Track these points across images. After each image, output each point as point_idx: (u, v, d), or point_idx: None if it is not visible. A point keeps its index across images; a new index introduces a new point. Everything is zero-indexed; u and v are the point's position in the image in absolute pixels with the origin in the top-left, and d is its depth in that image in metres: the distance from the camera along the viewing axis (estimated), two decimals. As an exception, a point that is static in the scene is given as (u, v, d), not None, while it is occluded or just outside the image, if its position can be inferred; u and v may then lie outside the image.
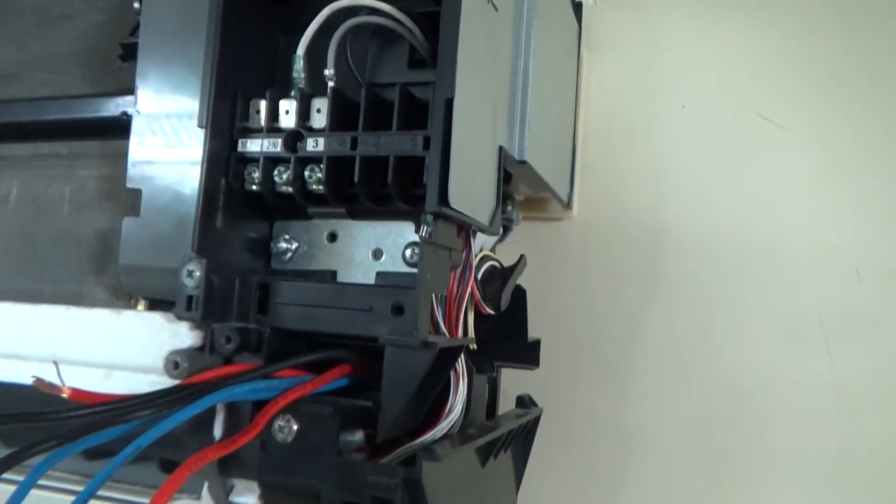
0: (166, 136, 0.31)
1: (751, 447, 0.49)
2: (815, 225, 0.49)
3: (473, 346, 0.37)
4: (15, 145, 0.38)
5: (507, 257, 0.41)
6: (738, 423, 0.49)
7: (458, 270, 0.34)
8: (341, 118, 0.30)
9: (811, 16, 0.51)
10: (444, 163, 0.27)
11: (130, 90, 0.34)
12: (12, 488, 0.31)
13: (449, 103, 0.27)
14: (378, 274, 0.32)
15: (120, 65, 0.38)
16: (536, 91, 0.38)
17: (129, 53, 0.37)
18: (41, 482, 0.24)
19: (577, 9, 0.53)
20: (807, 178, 0.50)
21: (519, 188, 0.48)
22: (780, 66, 0.51)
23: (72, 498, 0.29)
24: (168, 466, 0.33)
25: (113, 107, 0.35)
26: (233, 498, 0.31)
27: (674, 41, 0.54)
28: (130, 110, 0.34)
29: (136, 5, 0.39)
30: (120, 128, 0.34)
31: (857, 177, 0.49)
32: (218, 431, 0.30)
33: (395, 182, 0.29)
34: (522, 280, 0.41)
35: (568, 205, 0.52)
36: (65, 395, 0.25)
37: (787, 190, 0.50)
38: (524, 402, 0.44)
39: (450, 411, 0.31)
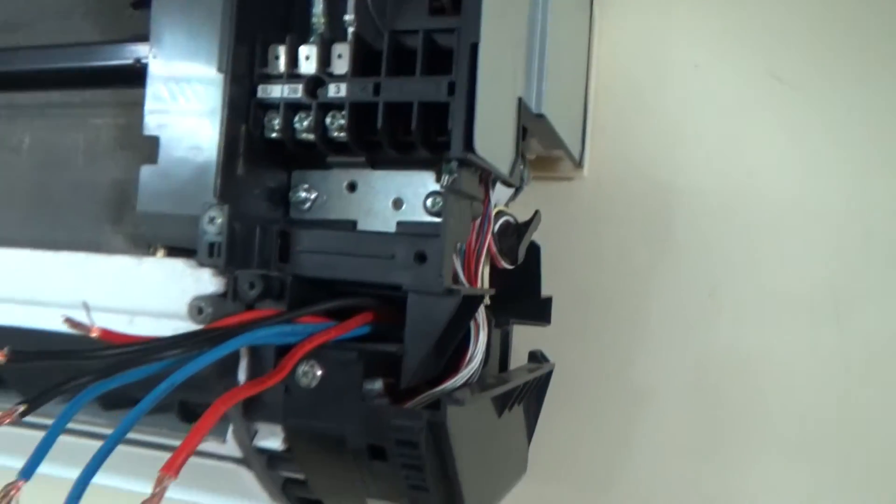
0: (183, 82, 0.31)
1: (754, 408, 0.50)
2: (825, 187, 0.50)
3: (488, 300, 0.37)
4: (26, 94, 0.38)
5: (520, 215, 0.41)
6: (743, 383, 0.50)
7: (477, 222, 0.34)
8: (363, 64, 0.30)
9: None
10: (469, 108, 0.27)
11: (143, 38, 0.34)
12: (36, 434, 0.31)
13: (474, 48, 0.27)
14: (399, 223, 0.32)
15: (131, 13, 0.37)
16: (553, 45, 0.38)
17: (141, 1, 0.37)
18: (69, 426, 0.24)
19: (590, -37, 0.53)
20: (818, 139, 0.50)
21: (531, 147, 0.48)
22: (793, 26, 0.51)
23: (96, 443, 0.29)
24: (188, 415, 0.33)
25: (126, 54, 0.34)
26: (257, 442, 0.31)
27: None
28: (144, 58, 0.33)
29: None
30: (134, 76, 0.34)
31: (870, 139, 0.49)
32: (242, 376, 0.30)
33: (418, 128, 0.28)
34: (535, 238, 0.41)
35: (579, 164, 0.52)
36: (94, 335, 0.25)
37: (797, 151, 0.50)
38: (536, 357, 0.44)
39: (470, 360, 0.32)
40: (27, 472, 0.21)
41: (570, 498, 0.53)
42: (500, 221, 0.39)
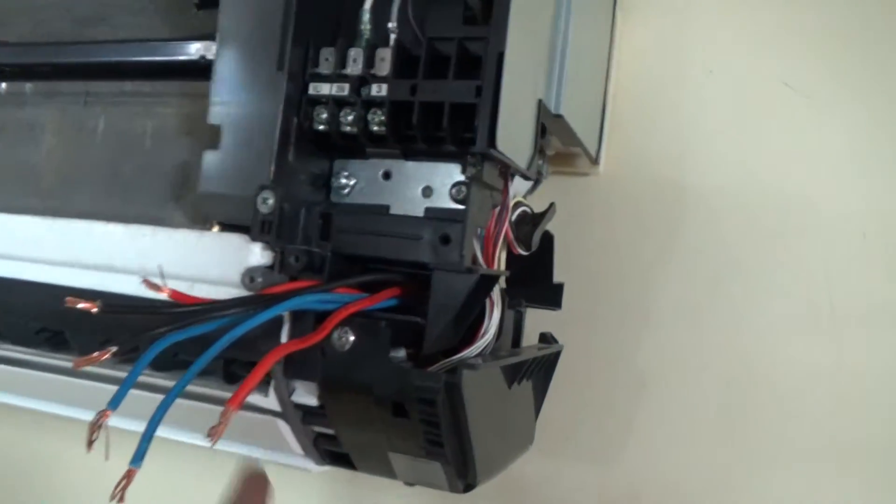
0: (244, 78, 0.35)
1: (758, 398, 0.53)
2: (833, 193, 0.52)
3: (504, 282, 0.41)
4: (102, 83, 0.43)
5: (538, 208, 0.44)
6: (747, 373, 0.53)
7: (497, 210, 0.38)
8: (402, 67, 0.34)
9: (841, -12, 0.53)
10: (493, 109, 0.31)
11: (207, 35, 0.38)
12: (102, 386, 0.35)
13: (500, 57, 0.31)
14: (427, 209, 0.36)
15: (195, 12, 0.42)
16: (574, 50, 0.41)
17: (206, 2, 0.41)
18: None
19: (615, -28, 0.56)
20: (828, 147, 0.53)
21: (551, 143, 0.51)
22: (808, 36, 0.54)
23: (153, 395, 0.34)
24: (231, 377, 0.38)
25: (193, 50, 0.39)
26: (294, 398, 0.36)
27: (704, 6, 0.56)
28: (209, 55, 0.38)
29: (211, -44, 0.42)
30: (198, 70, 0.38)
31: (878, 149, 0.52)
32: (284, 338, 0.34)
33: (449, 125, 0.32)
34: (550, 229, 0.45)
35: (596, 161, 0.56)
36: (165, 295, 0.29)
37: (807, 158, 0.53)
38: (546, 338, 0.48)
39: (484, 333, 0.36)
40: (114, 403, 0.26)
41: (572, 473, 0.57)
42: (518, 211, 0.43)
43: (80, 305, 0.26)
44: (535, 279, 0.47)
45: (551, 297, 0.49)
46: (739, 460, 0.53)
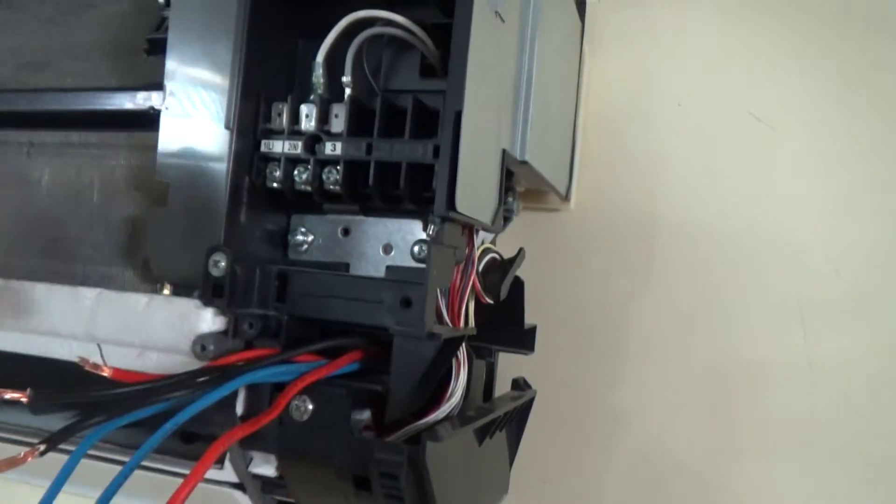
0: (193, 133, 0.34)
1: (739, 431, 0.52)
2: (800, 222, 0.52)
3: (473, 332, 0.40)
4: (46, 133, 0.40)
5: (507, 245, 0.43)
6: (726, 406, 0.52)
7: (462, 265, 0.36)
8: (357, 124, 0.32)
9: (806, 21, 0.53)
10: (452, 170, 0.30)
11: (156, 84, 0.37)
12: (62, 457, 0.34)
13: (458, 115, 0.30)
14: (388, 268, 0.34)
15: (145, 57, 0.40)
16: (539, 94, 0.40)
17: (155, 48, 0.39)
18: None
19: (581, 6, 0.55)
20: (793, 176, 0.53)
21: (520, 181, 0.50)
22: (773, 68, 0.53)
23: (112, 466, 0.32)
24: (188, 438, 0.36)
25: (141, 100, 0.37)
26: (252, 468, 0.34)
27: (672, 39, 0.56)
28: (158, 106, 0.36)
29: (161, 0, 0.41)
30: (147, 120, 0.36)
31: (842, 177, 0.52)
32: (240, 408, 0.33)
33: (406, 185, 0.31)
34: (522, 267, 0.43)
35: (566, 197, 0.55)
36: (106, 374, 0.27)
37: (774, 187, 0.53)
38: (519, 384, 0.47)
39: (451, 396, 0.34)
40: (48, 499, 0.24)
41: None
42: (486, 259, 0.41)
43: (8, 396, 0.24)
44: (506, 323, 0.46)
45: (524, 340, 0.47)
46: (723, 498, 0.52)
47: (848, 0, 0.52)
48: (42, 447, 0.23)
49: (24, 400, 0.24)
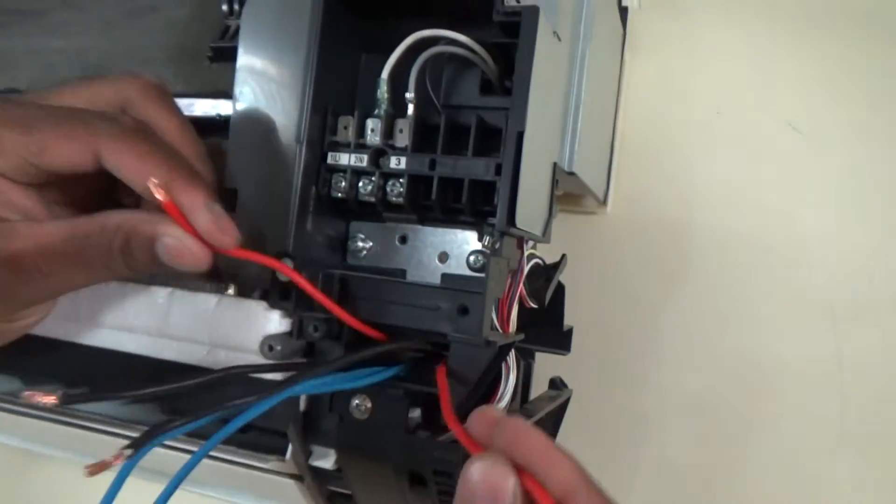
0: (262, 143, 0.35)
1: (768, 438, 0.53)
2: (834, 232, 0.53)
3: (522, 338, 0.42)
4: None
5: (545, 246, 0.45)
6: (757, 414, 0.54)
7: (511, 273, 0.38)
8: (422, 137, 0.34)
9: (847, 33, 0.53)
10: (513, 188, 0.31)
11: (222, 92, 0.38)
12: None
13: (520, 136, 0.31)
14: (444, 275, 0.36)
15: (209, 65, 0.42)
16: (588, 107, 0.41)
17: (219, 56, 0.41)
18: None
19: (623, 13, 0.56)
20: (830, 187, 0.53)
21: (559, 186, 0.51)
22: (813, 78, 0.54)
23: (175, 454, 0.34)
24: (244, 428, 0.38)
25: (209, 107, 0.39)
26: (312, 461, 0.36)
27: (713, 47, 0.56)
28: (225, 114, 0.38)
29: (224, 7, 0.42)
30: (214, 127, 0.38)
31: (878, 190, 0.52)
32: (302, 405, 0.35)
33: (467, 200, 0.33)
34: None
35: (603, 202, 0.56)
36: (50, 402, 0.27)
37: (810, 198, 0.54)
38: (556, 384, 0.49)
39: (500, 399, 0.36)
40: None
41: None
42: (531, 264, 0.43)
43: (38, 399, 0.26)
44: (543, 324, 0.48)
45: (560, 341, 0.49)
46: (745, 497, 0.54)
47: (891, 12, 0.52)
48: (128, 452, 0.25)
49: (54, 402, 0.26)
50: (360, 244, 0.37)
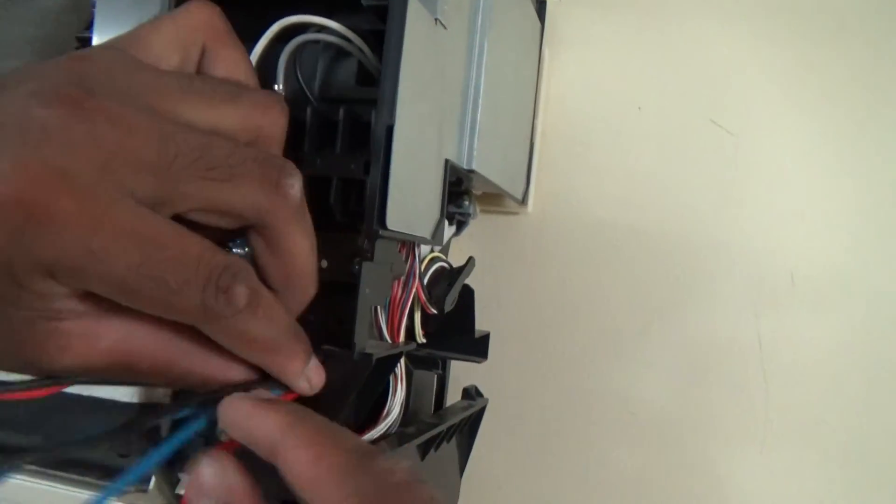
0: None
1: (697, 439, 0.52)
2: (755, 228, 0.52)
3: (422, 340, 0.39)
4: None
5: (465, 248, 0.42)
6: (683, 412, 0.52)
7: (402, 279, 0.35)
8: (293, 135, 0.31)
9: (768, 27, 0.52)
10: (383, 187, 0.29)
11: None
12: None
13: (389, 130, 0.28)
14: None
15: (76, 58, 0.38)
16: (489, 100, 0.39)
17: (84, 46, 0.38)
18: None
19: (542, 6, 0.54)
20: (753, 185, 0.52)
21: (475, 185, 0.49)
22: (734, 75, 0.53)
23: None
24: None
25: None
26: (179, 490, 0.33)
27: (634, 42, 0.55)
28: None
29: (92, -3, 0.39)
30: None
31: (798, 185, 0.51)
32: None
33: (336, 200, 0.30)
34: (478, 271, 0.43)
35: (523, 201, 0.54)
36: None
37: (734, 195, 0.53)
38: (470, 394, 0.46)
39: (387, 414, 0.33)
40: None
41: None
42: (434, 268, 0.40)
43: None
44: (456, 331, 0.45)
45: (475, 348, 0.47)
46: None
47: (815, 8, 0.52)
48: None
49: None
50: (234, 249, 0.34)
